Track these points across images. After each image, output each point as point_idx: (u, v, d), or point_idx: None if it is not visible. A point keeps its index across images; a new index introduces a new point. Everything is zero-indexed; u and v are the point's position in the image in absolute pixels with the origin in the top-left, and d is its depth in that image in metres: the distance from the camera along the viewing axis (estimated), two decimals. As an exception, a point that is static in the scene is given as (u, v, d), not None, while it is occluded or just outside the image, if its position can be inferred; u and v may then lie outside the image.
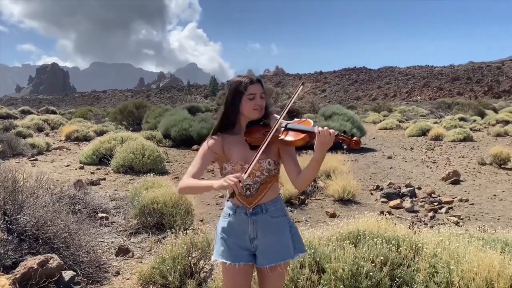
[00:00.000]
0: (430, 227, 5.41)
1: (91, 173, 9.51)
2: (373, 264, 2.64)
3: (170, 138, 15.53)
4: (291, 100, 2.22)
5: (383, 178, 9.24)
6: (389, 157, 12.88)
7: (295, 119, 2.18)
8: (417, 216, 6.12)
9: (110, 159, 10.01)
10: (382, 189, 7.72)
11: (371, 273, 2.58)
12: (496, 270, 2.35)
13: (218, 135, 2.20)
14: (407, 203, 6.52)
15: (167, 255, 3.46)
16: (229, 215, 2.22)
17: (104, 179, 8.78)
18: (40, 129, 20.00)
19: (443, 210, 6.32)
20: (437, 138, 17.74)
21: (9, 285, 2.72)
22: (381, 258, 2.66)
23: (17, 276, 2.84)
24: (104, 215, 5.34)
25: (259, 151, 2.00)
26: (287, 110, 2.16)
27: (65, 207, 4.38)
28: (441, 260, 2.59)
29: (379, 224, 3.16)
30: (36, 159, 11.25)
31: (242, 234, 2.17)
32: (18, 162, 10.65)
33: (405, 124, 26.98)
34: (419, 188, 7.84)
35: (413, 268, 2.70)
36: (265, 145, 2.00)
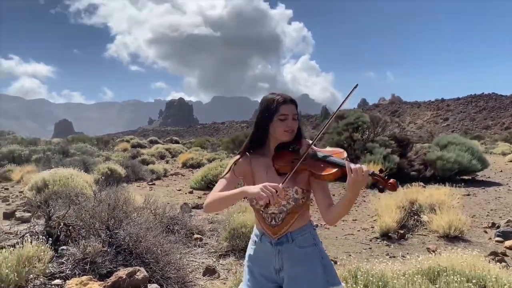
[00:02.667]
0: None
1: (199, 197, 10.17)
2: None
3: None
4: (330, 118, 2.06)
5: (504, 216, 8.16)
6: (516, 192, 11.36)
7: (328, 148, 2.02)
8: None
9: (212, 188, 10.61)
10: (498, 227, 6.84)
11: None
12: None
13: (246, 156, 2.06)
14: (526, 244, 5.68)
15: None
16: (255, 242, 2.08)
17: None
18: (162, 157, 22.10)
19: None
20: None
21: (100, 291, 3.05)
22: (456, 298, 2.38)
23: (108, 284, 3.17)
24: (199, 236, 5.67)
25: (284, 181, 1.86)
26: (320, 135, 2.01)
27: (160, 225, 4.77)
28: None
29: (464, 261, 2.83)
30: (154, 184, 12.43)
31: (268, 264, 2.01)
32: (139, 186, 11.90)
33: (542, 156, 23.56)
34: (546, 228, 6.75)
35: (499, 314, 2.36)
36: (290, 176, 1.87)
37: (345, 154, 1.92)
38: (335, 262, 4.82)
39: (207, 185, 11.31)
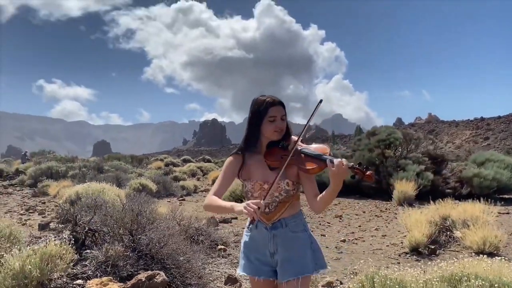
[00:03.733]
0: None
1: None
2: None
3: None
4: (308, 121, 2.19)
5: (545, 234, 7.72)
6: (560, 212, 10.72)
7: (313, 145, 2.18)
8: None
9: (243, 200, 10.64)
10: (538, 244, 6.47)
11: (462, 318, 2.20)
12: None
13: (239, 154, 2.24)
14: None
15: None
16: (250, 229, 2.27)
17: (236, 218, 9.31)
18: (193, 175, 22.39)
19: None
20: None
21: (119, 292, 3.10)
22: (476, 301, 2.26)
23: (128, 285, 3.23)
24: (223, 247, 5.67)
25: (277, 177, 2.06)
26: (303, 133, 2.19)
27: (184, 234, 4.81)
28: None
29: (489, 267, 2.69)
30: (184, 199, 12.59)
31: (263, 248, 2.20)
32: (169, 201, 12.07)
33: None
34: None
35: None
36: (281, 171, 2.06)
37: (328, 150, 2.12)
38: (356, 274, 4.68)
39: (235, 200, 11.34)
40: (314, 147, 2.15)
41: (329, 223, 8.82)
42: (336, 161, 1.94)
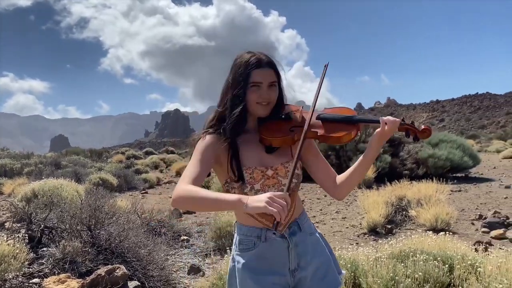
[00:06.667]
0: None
1: (190, 203, 10.18)
2: (413, 281, 2.41)
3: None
4: (320, 85, 1.66)
5: (492, 208, 8.21)
6: (507, 187, 11.40)
7: (328, 108, 1.71)
8: (524, 248, 5.32)
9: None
10: (485, 218, 6.89)
11: (408, 290, 2.35)
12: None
13: (215, 134, 1.60)
14: (511, 233, 5.72)
15: (224, 271, 3.57)
16: (254, 244, 1.58)
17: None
18: (156, 167, 22.08)
19: (559, 242, 5.40)
20: None
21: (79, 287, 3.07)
22: (420, 273, 2.41)
23: (87, 281, 3.20)
24: (186, 237, 5.69)
25: (297, 155, 1.45)
26: (317, 95, 1.63)
27: (146, 227, 4.79)
28: (495, 280, 2.26)
29: (434, 242, 2.88)
30: (147, 192, 12.43)
31: (281, 267, 1.58)
32: (131, 195, 11.88)
33: (535, 152, 23.69)
34: (533, 217, 6.82)
35: (465, 289, 2.40)
36: (300, 145, 1.48)
37: (353, 110, 1.66)
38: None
39: (200, 191, 11.32)
40: (335, 110, 1.67)
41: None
42: (387, 118, 1.55)
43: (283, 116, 1.62)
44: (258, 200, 1.29)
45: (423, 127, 1.60)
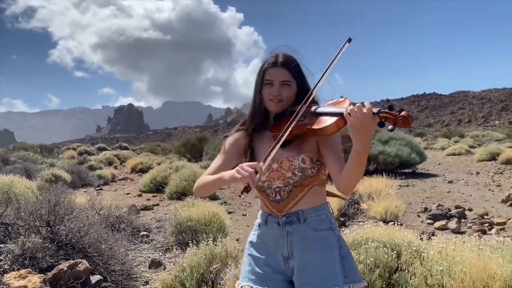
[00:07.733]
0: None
1: (147, 199, 10.10)
2: (365, 266, 2.65)
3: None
4: (328, 67, 1.61)
5: (436, 202, 8.82)
6: (450, 182, 12.22)
7: (330, 101, 1.69)
8: (462, 237, 5.80)
9: (165, 186, 10.59)
10: (430, 210, 7.40)
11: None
12: (490, 272, 2.26)
13: (241, 132, 1.82)
14: (452, 224, 6.20)
15: (186, 264, 3.67)
16: (259, 225, 1.78)
17: (158, 204, 9.30)
18: (110, 163, 21.59)
19: (493, 231, 5.92)
20: (509, 162, 16.51)
21: (40, 283, 3.07)
22: (371, 259, 2.66)
23: (49, 276, 3.19)
24: (145, 233, 5.71)
25: (278, 140, 1.55)
26: (320, 83, 1.63)
27: (105, 223, 4.78)
28: (436, 263, 2.54)
29: (384, 231, 3.14)
30: (101, 189, 12.19)
31: (275, 251, 1.70)
32: (86, 191, 11.62)
33: (476, 149, 25.38)
34: (470, 210, 7.41)
35: (410, 272, 2.66)
36: (286, 134, 1.56)
37: (348, 103, 1.56)
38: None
39: (156, 187, 11.24)
40: (329, 103, 1.67)
41: (250, 203, 9.18)
42: (352, 107, 1.43)
43: (288, 112, 1.69)
44: (230, 171, 1.53)
45: (402, 113, 1.39)
